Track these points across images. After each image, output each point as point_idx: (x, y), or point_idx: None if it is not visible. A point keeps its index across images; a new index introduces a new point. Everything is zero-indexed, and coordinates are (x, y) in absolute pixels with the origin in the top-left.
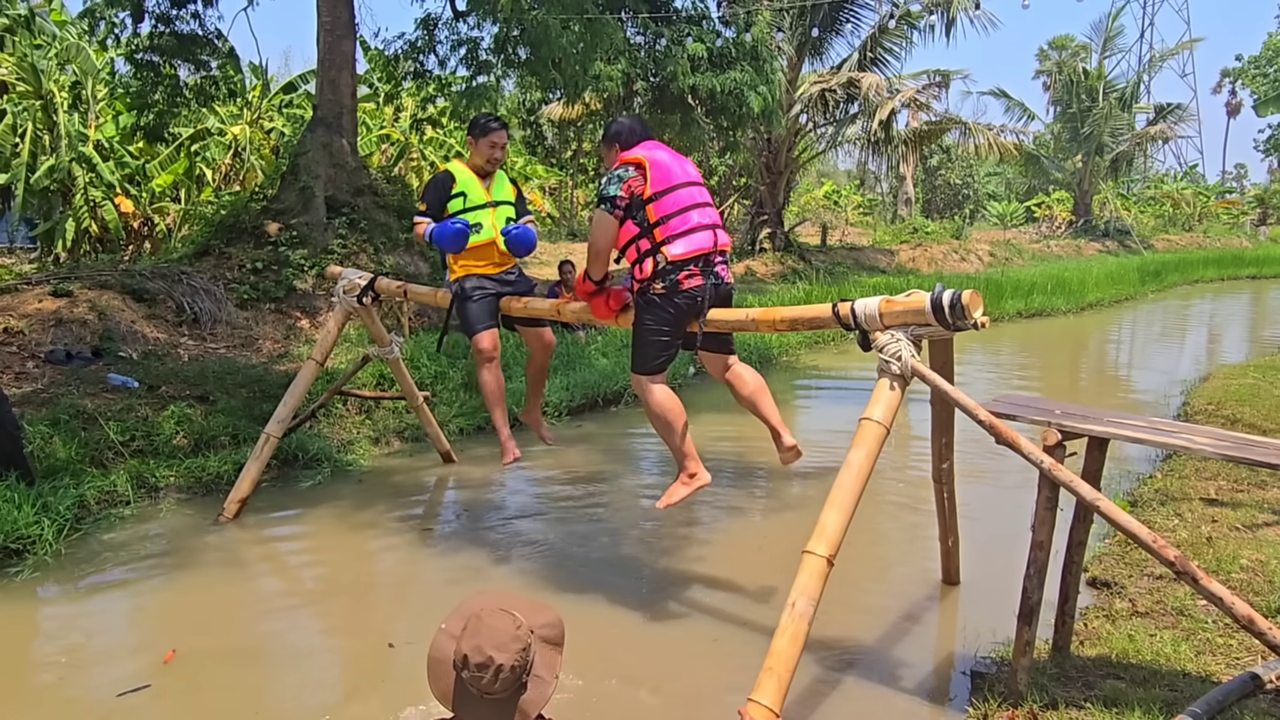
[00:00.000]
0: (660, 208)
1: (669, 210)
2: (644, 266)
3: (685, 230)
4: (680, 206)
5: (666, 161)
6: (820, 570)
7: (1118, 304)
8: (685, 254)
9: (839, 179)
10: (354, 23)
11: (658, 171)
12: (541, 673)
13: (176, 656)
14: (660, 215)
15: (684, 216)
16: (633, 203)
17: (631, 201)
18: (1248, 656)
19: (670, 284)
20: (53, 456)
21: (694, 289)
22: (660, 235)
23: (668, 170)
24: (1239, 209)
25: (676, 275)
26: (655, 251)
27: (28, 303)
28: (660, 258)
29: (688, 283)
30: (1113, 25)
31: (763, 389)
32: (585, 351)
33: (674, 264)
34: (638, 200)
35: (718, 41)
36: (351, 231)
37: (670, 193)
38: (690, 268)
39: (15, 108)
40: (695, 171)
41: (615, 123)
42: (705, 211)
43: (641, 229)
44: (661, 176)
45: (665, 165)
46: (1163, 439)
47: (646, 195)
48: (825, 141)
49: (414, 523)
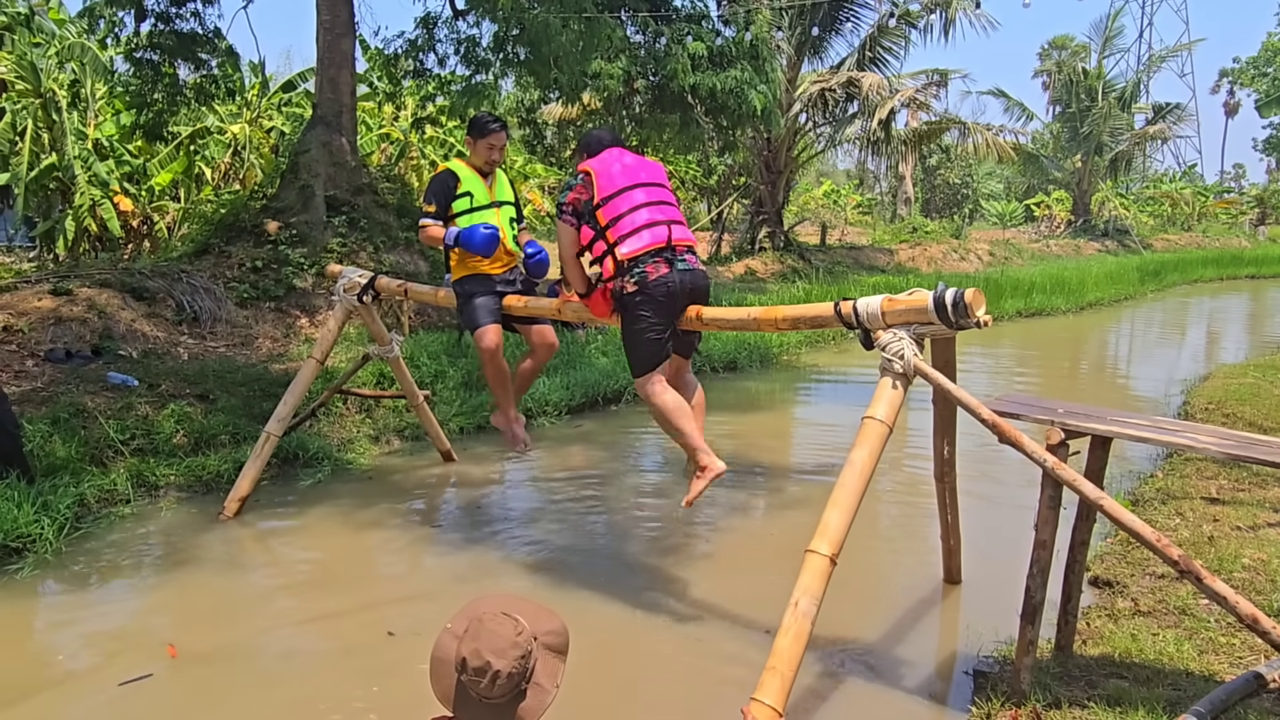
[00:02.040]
0: (609, 210)
1: (617, 212)
2: (605, 265)
3: (634, 229)
4: (630, 207)
5: (615, 168)
6: (823, 569)
7: (1117, 303)
8: (636, 251)
9: (838, 178)
10: (353, 21)
11: (603, 178)
12: (542, 680)
13: (178, 653)
14: (610, 218)
15: (632, 217)
16: (583, 209)
17: (581, 208)
18: (1251, 656)
19: (639, 278)
20: (52, 455)
21: (662, 277)
22: (612, 237)
23: (614, 175)
24: (1238, 209)
25: (642, 268)
26: (611, 252)
27: (27, 301)
28: (618, 255)
29: (655, 273)
30: (1112, 25)
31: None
32: (585, 350)
33: (631, 260)
34: (587, 206)
35: (717, 40)
36: (351, 230)
37: (618, 196)
38: (654, 259)
39: (15, 106)
40: (658, 173)
41: (588, 134)
42: (659, 210)
43: (596, 232)
44: (607, 182)
45: (611, 171)
46: (1166, 438)
47: (595, 200)
48: (824, 141)
49: (414, 521)
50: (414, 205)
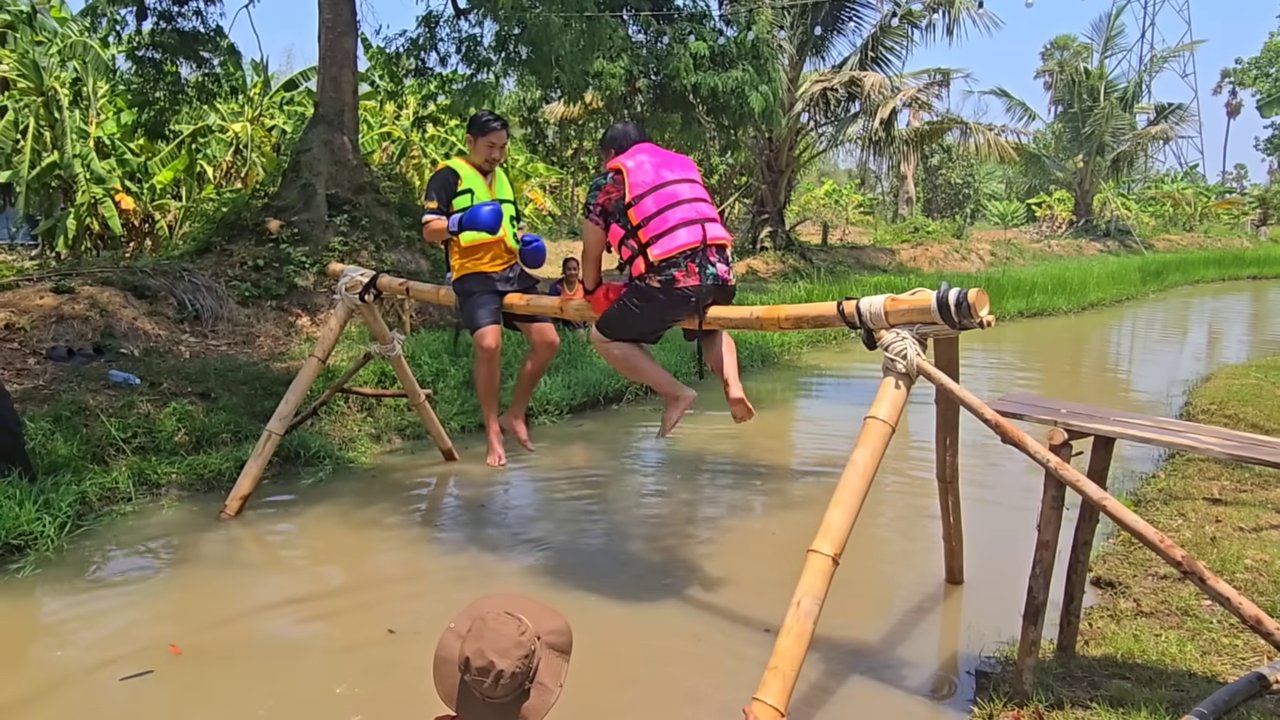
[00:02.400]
0: (640, 210)
1: (648, 212)
2: (636, 264)
3: (665, 230)
4: (660, 206)
5: (647, 165)
6: (825, 569)
7: (1119, 304)
8: (669, 252)
9: (839, 178)
10: (355, 20)
11: (635, 176)
12: (545, 680)
13: (179, 651)
14: (641, 218)
15: (663, 217)
16: (613, 208)
17: (612, 208)
18: (1254, 657)
19: (665, 280)
20: (54, 453)
21: (689, 288)
22: (644, 237)
23: (647, 173)
24: (1239, 209)
25: (672, 272)
26: (642, 252)
27: (29, 299)
28: (649, 256)
29: (684, 281)
30: (1113, 25)
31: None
32: (586, 350)
33: (664, 262)
34: (618, 205)
35: (719, 40)
36: (353, 229)
37: (650, 194)
38: (686, 264)
39: (17, 104)
40: (689, 168)
41: (613, 128)
42: (692, 207)
43: (627, 231)
44: (640, 180)
45: (644, 169)
46: (1169, 438)
47: (626, 200)
48: (826, 140)
49: (415, 520)
50: (415, 204)
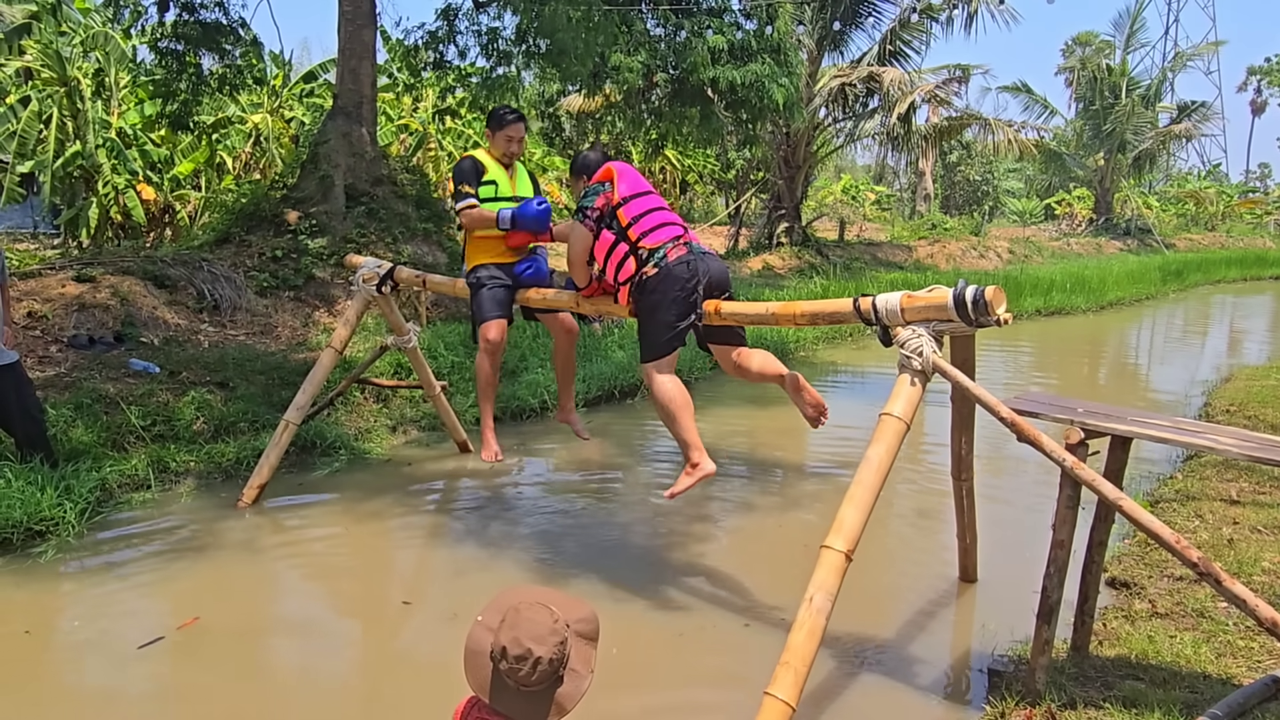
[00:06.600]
0: (630, 210)
1: (639, 211)
2: (627, 266)
3: (655, 226)
4: (648, 208)
5: (631, 171)
6: (838, 566)
7: (1138, 303)
8: (659, 241)
9: (857, 174)
10: (375, 12)
11: (624, 179)
12: (577, 666)
13: (196, 624)
14: (631, 216)
15: (651, 216)
16: (606, 213)
17: (605, 212)
18: (1269, 660)
19: (660, 260)
20: (75, 440)
21: (682, 256)
22: (634, 234)
23: (633, 177)
24: (1262, 209)
25: (663, 251)
26: (635, 249)
27: (51, 287)
28: (641, 250)
29: (674, 253)
30: (1136, 21)
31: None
32: (602, 344)
33: (655, 250)
34: (610, 210)
35: (738, 34)
36: (370, 221)
37: (637, 197)
38: (674, 244)
39: (40, 95)
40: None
41: (582, 156)
42: (669, 215)
43: (618, 235)
44: (630, 183)
45: (629, 175)
46: (1187, 439)
47: (615, 201)
48: (844, 136)
49: (429, 511)
50: (432, 196)
